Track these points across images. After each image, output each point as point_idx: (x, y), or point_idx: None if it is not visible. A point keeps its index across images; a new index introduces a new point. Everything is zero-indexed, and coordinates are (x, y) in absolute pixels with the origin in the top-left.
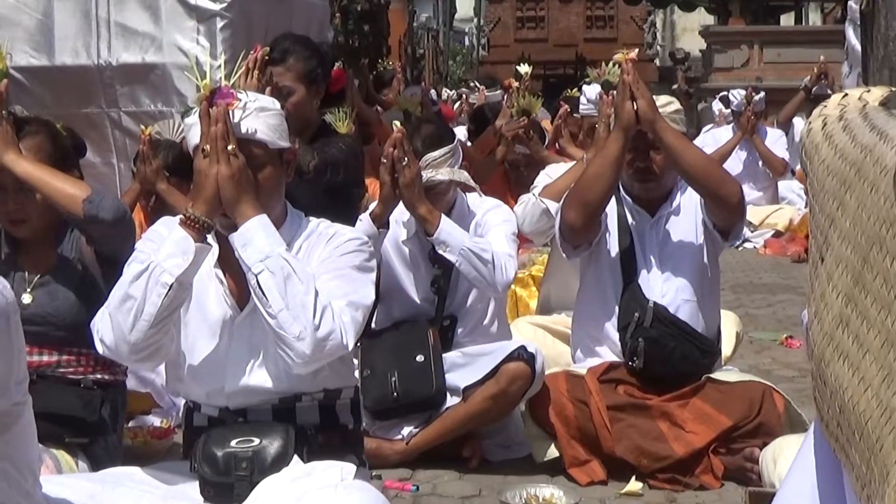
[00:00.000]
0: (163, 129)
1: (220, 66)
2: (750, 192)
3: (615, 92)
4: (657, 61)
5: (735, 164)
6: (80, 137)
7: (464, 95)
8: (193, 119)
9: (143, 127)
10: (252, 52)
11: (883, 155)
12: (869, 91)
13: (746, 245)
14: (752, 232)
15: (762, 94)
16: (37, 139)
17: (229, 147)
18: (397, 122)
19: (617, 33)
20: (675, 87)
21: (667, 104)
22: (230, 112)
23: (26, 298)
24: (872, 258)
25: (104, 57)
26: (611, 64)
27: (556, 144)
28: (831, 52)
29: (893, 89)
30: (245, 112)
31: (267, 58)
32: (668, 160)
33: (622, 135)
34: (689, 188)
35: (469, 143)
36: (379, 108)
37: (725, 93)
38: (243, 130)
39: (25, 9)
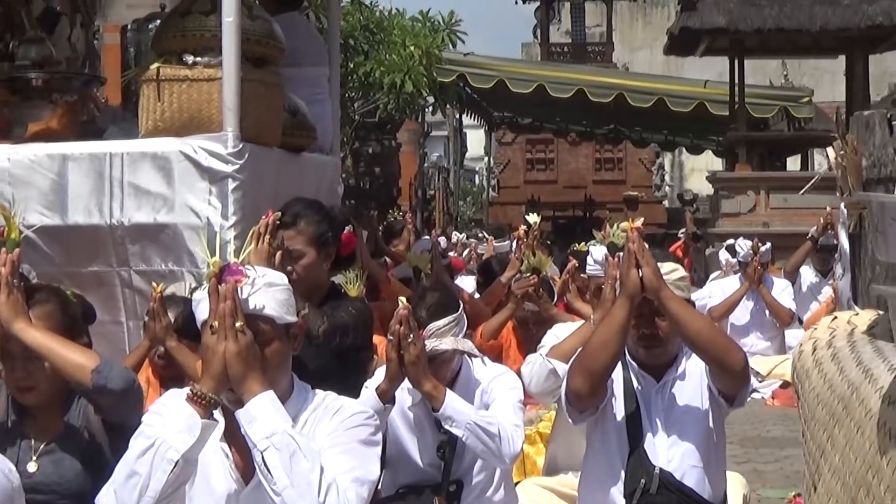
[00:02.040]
0: (177, 291)
1: (231, 226)
2: (757, 342)
3: (621, 254)
4: (665, 202)
5: (742, 313)
6: (89, 303)
7: (472, 245)
8: (202, 295)
9: (154, 284)
10: (263, 216)
11: (868, 397)
12: (857, 314)
13: (754, 395)
14: (759, 382)
15: (768, 245)
16: (47, 307)
17: (237, 324)
18: (403, 299)
19: (625, 175)
20: (682, 231)
21: (671, 271)
22: (239, 288)
23: (32, 467)
24: (860, 501)
25: (116, 216)
26: (615, 226)
27: (564, 298)
28: (837, 198)
29: (881, 313)
30: (254, 288)
31: (278, 222)
32: (672, 328)
33: (628, 302)
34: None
35: (478, 295)
36: (388, 259)
37: (732, 241)
38: (251, 306)
39: (40, 168)
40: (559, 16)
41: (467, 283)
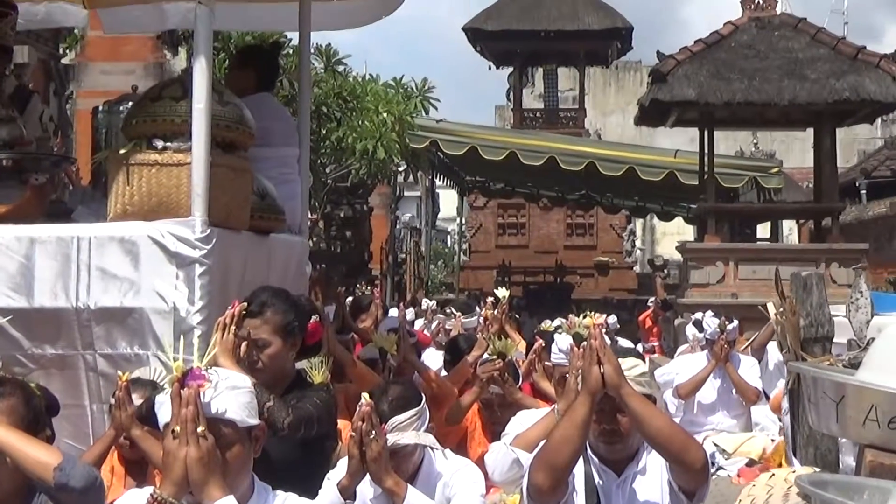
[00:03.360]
0: (142, 375)
1: (197, 311)
2: (723, 420)
3: (585, 344)
4: (636, 268)
5: (709, 391)
6: (52, 396)
7: (441, 321)
8: (164, 398)
9: (120, 373)
10: (230, 308)
11: None
12: (794, 472)
13: (720, 473)
14: (725, 460)
15: (735, 322)
16: (10, 401)
17: (199, 429)
18: (366, 395)
19: (596, 240)
20: (652, 299)
21: (632, 367)
22: (201, 392)
23: None
24: None
25: (83, 299)
26: (580, 317)
27: (531, 377)
28: (805, 269)
29: (817, 470)
30: (216, 391)
31: (244, 312)
32: (633, 424)
33: (589, 399)
34: None
35: (444, 373)
36: (355, 336)
37: (700, 316)
38: (213, 410)
39: (7, 251)
40: (532, 80)
41: (435, 358)
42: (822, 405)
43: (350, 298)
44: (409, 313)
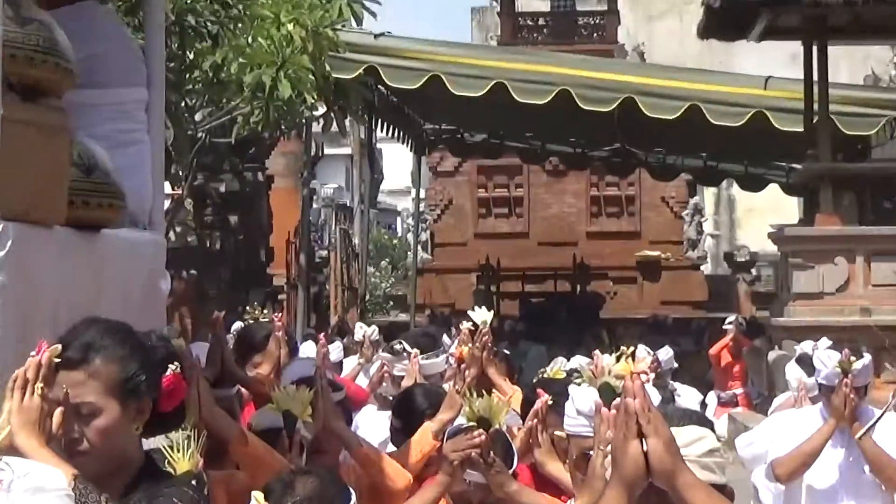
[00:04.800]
0: None
1: None
2: None
3: (619, 403)
4: (705, 268)
5: (826, 470)
6: None
7: (387, 362)
8: None
9: None
10: (33, 352)
11: None
12: None
13: None
14: None
15: (867, 358)
16: None
17: None
18: (258, 496)
19: (639, 224)
20: (730, 320)
21: (696, 440)
22: None
23: None
24: None
25: None
26: (614, 355)
27: (532, 454)
28: None
29: None
30: (10, 496)
31: (58, 359)
32: None
33: (625, 492)
34: None
35: (392, 448)
36: (244, 390)
37: (809, 346)
38: None
39: None
40: None
41: (376, 424)
42: None
43: (236, 328)
44: (335, 350)
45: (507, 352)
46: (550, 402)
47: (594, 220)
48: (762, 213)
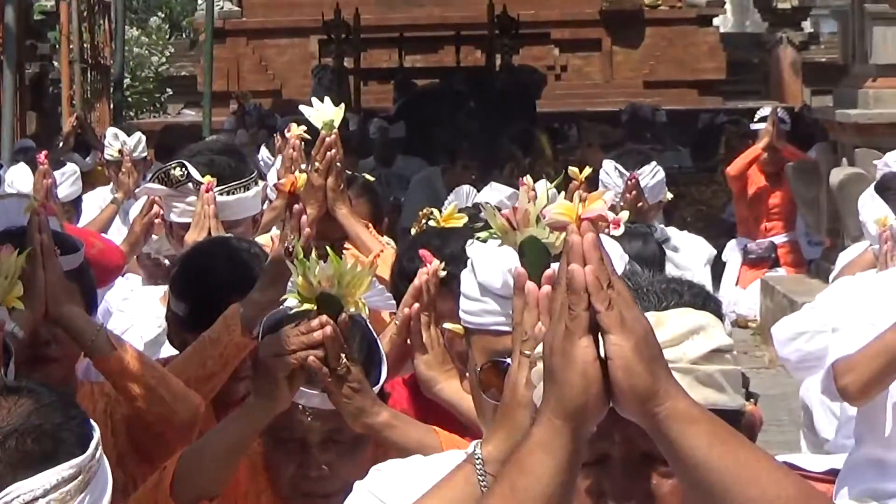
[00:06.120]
0: None
1: None
2: None
3: (555, 268)
4: (724, 17)
5: None
6: None
7: (150, 196)
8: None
9: None
10: None
11: None
12: None
13: None
14: None
15: None
16: None
17: None
18: None
19: None
20: (763, 114)
21: (687, 335)
22: None
23: None
24: None
25: None
26: (549, 179)
27: (416, 364)
28: None
29: None
30: None
31: None
32: (689, 496)
33: (566, 431)
34: None
35: (171, 351)
36: None
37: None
38: None
39: None
40: None
41: (141, 305)
42: None
43: None
44: (68, 178)
45: (369, 177)
46: (443, 273)
47: None
48: None
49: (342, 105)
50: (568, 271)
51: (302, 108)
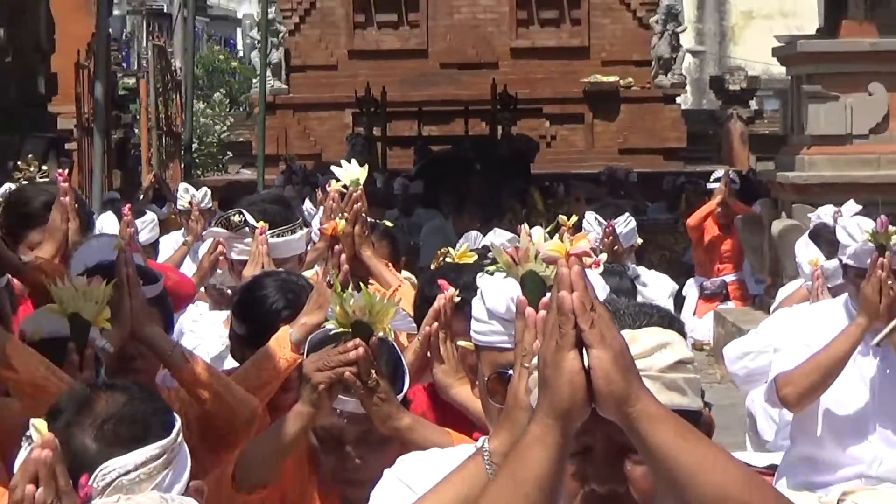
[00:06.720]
0: None
1: None
2: (885, 453)
3: (550, 299)
4: (682, 99)
5: (853, 389)
6: None
7: (216, 241)
8: None
9: None
10: None
11: None
12: None
13: None
14: None
15: None
16: None
17: None
18: (39, 424)
19: (587, 36)
20: (717, 176)
21: (655, 349)
22: None
23: None
24: None
25: None
26: (544, 227)
27: (431, 370)
28: None
29: None
30: None
31: None
32: (659, 480)
33: (557, 427)
34: None
35: (232, 364)
36: (16, 281)
37: (830, 212)
38: None
39: None
40: None
41: (207, 327)
42: None
43: (3, 191)
44: (147, 224)
45: (388, 224)
46: (458, 299)
47: (522, 31)
48: (766, 20)
49: (366, 166)
50: (558, 297)
51: (333, 168)
